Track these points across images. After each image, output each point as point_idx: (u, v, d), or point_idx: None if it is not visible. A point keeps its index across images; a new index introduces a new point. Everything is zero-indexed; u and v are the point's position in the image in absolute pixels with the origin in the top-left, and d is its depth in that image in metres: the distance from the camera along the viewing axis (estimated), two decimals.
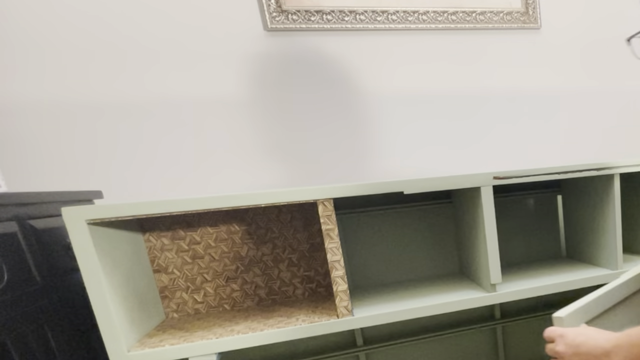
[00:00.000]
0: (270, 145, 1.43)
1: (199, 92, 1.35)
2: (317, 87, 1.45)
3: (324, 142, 1.48)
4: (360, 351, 1.31)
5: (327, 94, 1.46)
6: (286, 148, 1.45)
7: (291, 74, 1.43)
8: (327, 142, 1.48)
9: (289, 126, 1.44)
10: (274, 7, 1.36)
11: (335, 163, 1.49)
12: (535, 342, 1.50)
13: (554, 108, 1.69)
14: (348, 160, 1.50)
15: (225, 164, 1.40)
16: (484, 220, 1.04)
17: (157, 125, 1.33)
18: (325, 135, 1.47)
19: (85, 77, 1.26)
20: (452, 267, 1.35)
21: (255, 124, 1.41)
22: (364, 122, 1.51)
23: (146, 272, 1.05)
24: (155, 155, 1.34)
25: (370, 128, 1.51)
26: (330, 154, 1.48)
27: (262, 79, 1.40)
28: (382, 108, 1.52)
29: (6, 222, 0.89)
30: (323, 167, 1.48)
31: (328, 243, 0.95)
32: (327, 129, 1.48)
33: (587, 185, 1.22)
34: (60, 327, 1.00)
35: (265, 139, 1.42)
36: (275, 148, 1.44)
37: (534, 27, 1.61)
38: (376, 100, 1.51)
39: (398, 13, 1.47)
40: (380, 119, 1.52)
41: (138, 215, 0.85)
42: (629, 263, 1.22)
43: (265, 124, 1.42)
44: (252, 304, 1.16)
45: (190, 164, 1.37)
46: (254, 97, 1.40)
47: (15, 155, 1.22)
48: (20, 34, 1.20)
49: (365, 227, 1.25)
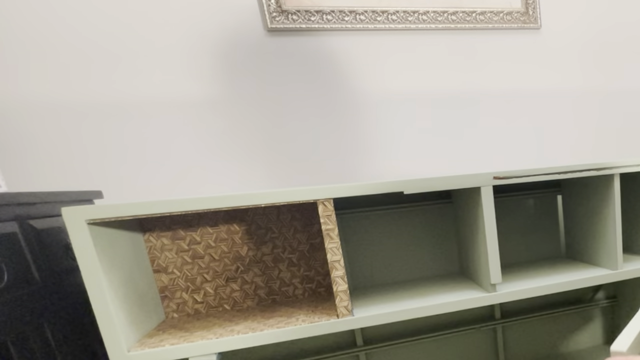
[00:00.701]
0: (270, 145, 1.43)
1: (199, 92, 1.35)
2: (317, 87, 1.45)
3: (323, 141, 1.48)
4: (360, 351, 1.31)
5: (326, 94, 1.46)
6: (286, 148, 1.45)
7: (291, 74, 1.43)
8: (327, 142, 1.48)
9: (289, 126, 1.44)
10: (274, 7, 1.36)
11: (335, 163, 1.49)
12: (535, 342, 1.50)
13: (554, 108, 1.69)
14: (348, 160, 1.50)
15: (226, 164, 1.40)
16: (484, 220, 1.04)
17: (158, 126, 1.33)
18: (325, 135, 1.47)
19: (86, 78, 1.26)
20: (452, 267, 1.35)
21: (256, 124, 1.41)
22: (364, 122, 1.51)
23: (146, 272, 1.05)
24: (155, 155, 1.34)
25: (370, 128, 1.51)
26: (330, 153, 1.48)
27: (262, 79, 1.40)
28: (382, 108, 1.52)
29: (6, 222, 0.89)
30: (322, 167, 1.48)
31: (328, 243, 0.95)
32: (327, 128, 1.48)
33: (587, 185, 1.22)
34: (60, 327, 1.00)
35: (265, 139, 1.42)
36: (275, 148, 1.44)
37: (534, 27, 1.61)
38: (376, 100, 1.51)
39: (398, 13, 1.47)
40: (381, 119, 1.52)
41: (138, 215, 0.85)
42: (629, 263, 1.22)
43: (265, 124, 1.42)
44: (252, 304, 1.16)
45: (190, 164, 1.37)
46: (254, 97, 1.40)
47: (15, 155, 1.23)
48: (21, 35, 1.20)
49: (365, 227, 1.25)
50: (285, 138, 1.44)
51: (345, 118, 1.48)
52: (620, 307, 1.52)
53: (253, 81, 1.39)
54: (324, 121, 1.47)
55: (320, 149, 1.47)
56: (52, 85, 1.24)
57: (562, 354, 1.54)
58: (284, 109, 1.43)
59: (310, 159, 1.47)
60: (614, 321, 1.57)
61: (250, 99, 1.40)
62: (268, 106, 1.41)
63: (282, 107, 1.43)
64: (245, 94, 1.39)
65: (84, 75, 1.26)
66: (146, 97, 1.31)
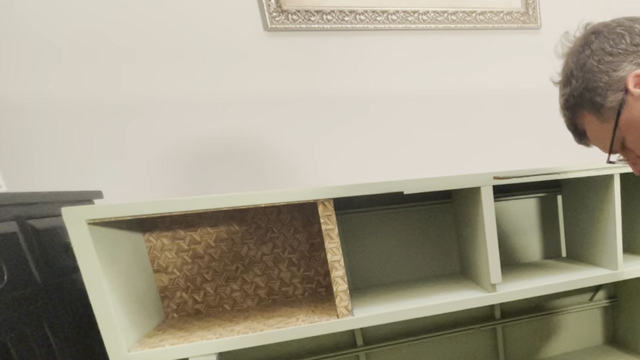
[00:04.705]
0: (270, 145, 1.43)
1: (199, 92, 1.35)
2: (316, 87, 1.45)
3: (323, 142, 1.48)
4: (360, 351, 1.31)
5: (326, 94, 1.46)
6: (285, 148, 1.45)
7: (291, 74, 1.43)
8: (327, 142, 1.48)
9: (288, 126, 1.44)
10: (274, 7, 1.36)
11: (334, 163, 1.49)
12: (535, 342, 1.50)
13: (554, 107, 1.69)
14: (347, 160, 1.50)
15: (226, 164, 1.40)
16: (483, 220, 1.04)
17: (158, 126, 1.33)
18: (324, 135, 1.47)
19: (87, 78, 1.26)
20: (452, 267, 1.35)
21: (256, 124, 1.41)
22: (364, 122, 1.50)
23: (146, 272, 1.05)
24: (155, 155, 1.34)
25: (370, 128, 1.51)
26: (329, 153, 1.48)
27: (262, 79, 1.40)
28: (383, 108, 1.52)
29: (6, 222, 0.89)
30: (321, 168, 1.48)
31: (328, 243, 0.95)
32: (327, 128, 1.48)
33: (587, 185, 1.22)
34: (60, 327, 1.00)
35: (265, 139, 1.42)
36: (275, 148, 1.44)
37: (534, 27, 1.61)
38: (376, 100, 1.51)
39: (398, 13, 1.47)
40: (381, 119, 1.52)
41: (138, 215, 0.85)
42: (629, 263, 1.22)
43: (265, 124, 1.42)
44: (252, 304, 1.16)
45: (190, 164, 1.37)
46: (254, 97, 1.40)
47: (15, 155, 1.22)
48: (21, 34, 1.20)
49: (365, 227, 1.25)
50: (284, 138, 1.44)
51: (344, 118, 1.48)
52: (620, 307, 1.52)
53: (252, 81, 1.39)
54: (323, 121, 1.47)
55: (320, 149, 1.47)
56: (52, 85, 1.24)
57: (562, 354, 1.54)
58: (283, 109, 1.43)
59: (309, 159, 1.47)
60: (614, 321, 1.57)
61: (248, 100, 1.40)
62: (267, 106, 1.41)
63: (281, 107, 1.43)
64: (243, 94, 1.39)
65: (84, 75, 1.26)
66: (148, 98, 1.31)
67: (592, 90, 0.71)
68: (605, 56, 0.70)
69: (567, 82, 0.75)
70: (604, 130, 0.73)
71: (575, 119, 0.77)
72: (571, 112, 0.76)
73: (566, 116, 0.79)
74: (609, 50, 0.70)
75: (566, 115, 0.79)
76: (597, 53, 0.70)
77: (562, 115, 0.80)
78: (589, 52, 0.71)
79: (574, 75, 0.73)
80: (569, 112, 0.77)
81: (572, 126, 0.79)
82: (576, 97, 0.73)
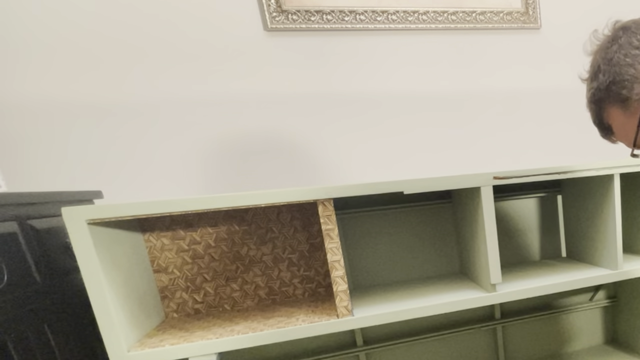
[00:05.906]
0: (269, 145, 1.43)
1: (199, 92, 1.35)
2: (316, 87, 1.45)
3: (323, 141, 1.48)
4: (360, 351, 1.31)
5: (326, 94, 1.46)
6: (285, 148, 1.45)
7: (291, 74, 1.43)
8: (327, 142, 1.48)
9: (288, 126, 1.44)
10: (274, 7, 1.36)
11: (334, 163, 1.49)
12: (535, 342, 1.50)
13: (554, 107, 1.69)
14: (347, 160, 1.50)
15: (226, 164, 1.40)
16: (484, 220, 1.04)
17: (159, 126, 1.33)
18: (324, 134, 1.47)
19: (87, 78, 1.26)
20: (452, 267, 1.35)
21: (255, 124, 1.41)
22: (364, 122, 1.51)
23: (146, 272, 1.05)
24: (156, 155, 1.34)
25: (370, 128, 1.51)
26: (329, 153, 1.48)
27: (262, 79, 1.40)
28: (383, 107, 1.52)
29: (6, 222, 0.89)
30: (321, 168, 1.48)
31: (328, 243, 0.95)
32: (327, 128, 1.48)
33: (587, 185, 1.22)
34: (60, 327, 1.00)
35: (265, 139, 1.42)
36: (274, 148, 1.44)
37: (534, 27, 1.61)
38: (376, 100, 1.51)
39: (398, 13, 1.47)
40: (381, 118, 1.52)
41: (138, 215, 0.85)
42: (629, 263, 1.22)
43: (265, 124, 1.42)
44: (252, 304, 1.16)
45: (191, 164, 1.37)
46: (254, 97, 1.40)
47: (15, 155, 1.22)
48: (21, 34, 1.20)
49: (365, 227, 1.25)
50: (283, 138, 1.44)
51: (344, 118, 1.48)
52: (620, 307, 1.52)
53: (252, 81, 1.39)
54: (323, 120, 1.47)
55: (319, 149, 1.47)
56: (51, 85, 1.24)
57: (562, 354, 1.54)
58: (283, 109, 1.43)
59: (309, 158, 1.47)
60: (614, 321, 1.57)
61: (248, 100, 1.40)
62: (266, 106, 1.41)
63: (280, 107, 1.43)
64: (243, 94, 1.39)
65: (84, 75, 1.26)
66: (148, 98, 1.31)
67: (618, 83, 0.71)
68: (632, 50, 0.70)
69: (594, 76, 0.75)
70: (629, 124, 0.74)
71: (602, 113, 0.77)
72: (598, 106, 0.76)
73: (592, 110, 0.79)
74: (636, 44, 0.70)
75: (593, 109, 0.78)
76: (624, 47, 0.71)
77: (588, 109, 0.80)
78: (616, 47, 0.72)
79: (602, 70, 0.73)
80: (595, 106, 0.77)
81: (597, 120, 0.79)
82: (603, 90, 0.73)
